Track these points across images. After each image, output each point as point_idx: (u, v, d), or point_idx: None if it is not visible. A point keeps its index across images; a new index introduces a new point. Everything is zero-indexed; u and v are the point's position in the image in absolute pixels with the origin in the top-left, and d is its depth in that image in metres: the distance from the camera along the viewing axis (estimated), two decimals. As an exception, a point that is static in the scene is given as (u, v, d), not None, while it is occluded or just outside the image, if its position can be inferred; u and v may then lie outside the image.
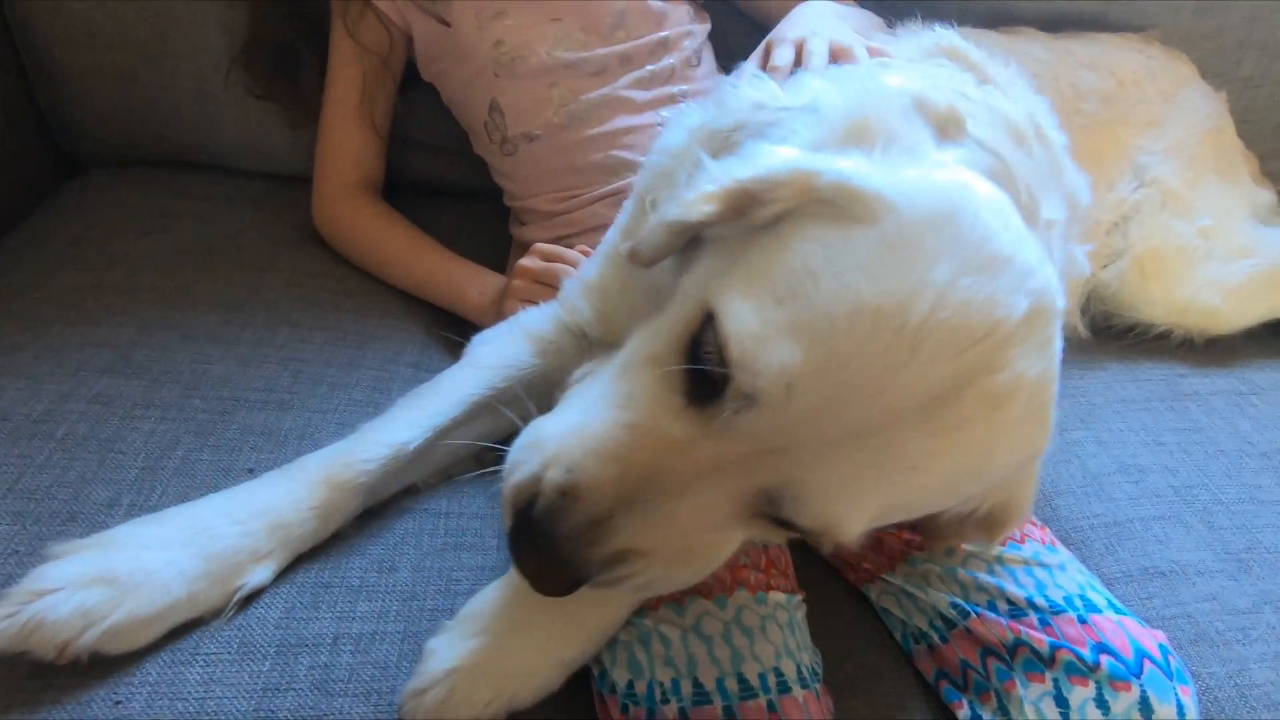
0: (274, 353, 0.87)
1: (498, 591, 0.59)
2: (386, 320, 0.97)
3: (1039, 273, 0.46)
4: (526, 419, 0.81)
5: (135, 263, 0.94)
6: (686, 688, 0.55)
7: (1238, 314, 1.07)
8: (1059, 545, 0.72)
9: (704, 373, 0.46)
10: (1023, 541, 0.70)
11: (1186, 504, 0.84)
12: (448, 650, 0.57)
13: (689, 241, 0.53)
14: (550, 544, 0.46)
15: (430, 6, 0.99)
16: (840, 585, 0.77)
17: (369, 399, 0.85)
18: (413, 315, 1.00)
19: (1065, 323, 1.08)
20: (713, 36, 1.10)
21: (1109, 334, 1.09)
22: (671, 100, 1.00)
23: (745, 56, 0.84)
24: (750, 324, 0.44)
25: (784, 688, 0.55)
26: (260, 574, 0.61)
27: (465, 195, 1.21)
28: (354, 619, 0.63)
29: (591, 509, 0.45)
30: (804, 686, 0.56)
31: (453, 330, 0.99)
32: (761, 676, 0.55)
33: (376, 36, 1.01)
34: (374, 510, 0.72)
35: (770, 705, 0.54)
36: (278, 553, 0.63)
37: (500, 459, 0.82)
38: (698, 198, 0.50)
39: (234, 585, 0.60)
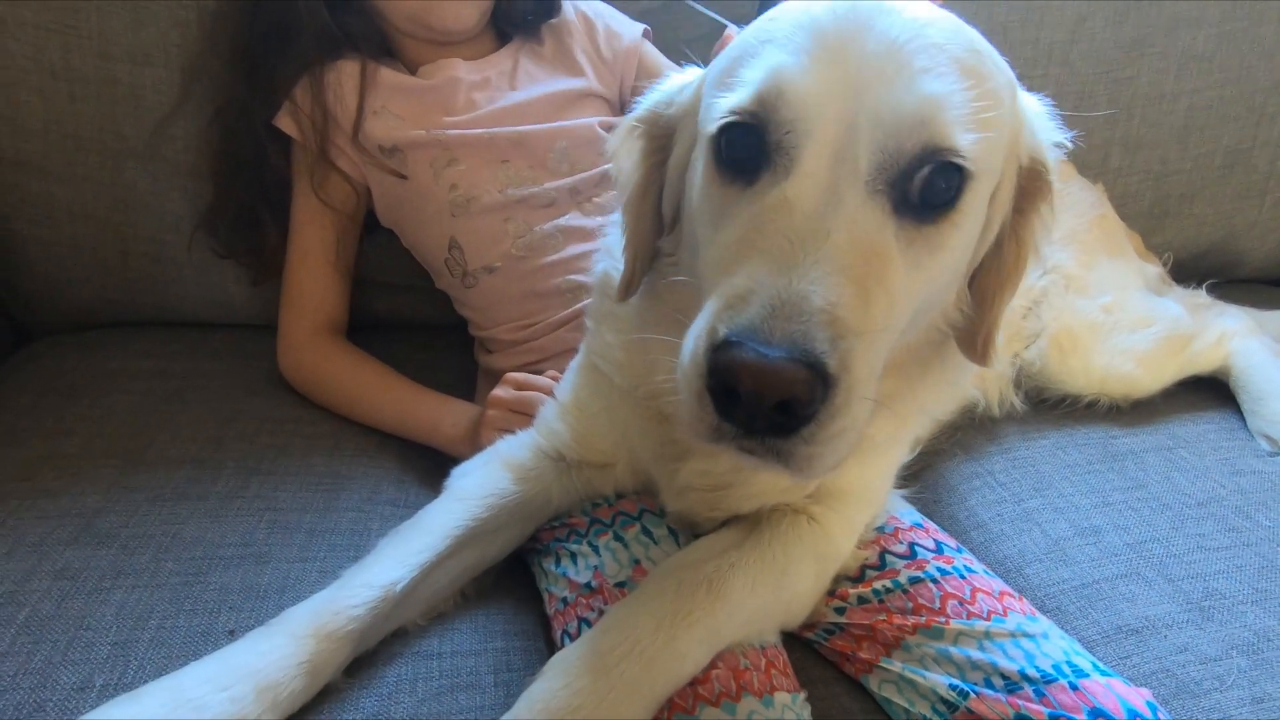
0: (246, 504, 0.85)
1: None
2: (360, 459, 0.97)
3: None
4: (508, 549, 0.83)
5: (93, 427, 0.93)
6: (710, 806, 0.54)
7: (1151, 378, 1.17)
8: (1038, 614, 0.75)
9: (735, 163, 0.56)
10: (1005, 615, 0.73)
11: (1143, 559, 0.88)
12: None
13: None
14: (755, 336, 0.47)
15: (386, 163, 1.06)
16: (839, 679, 0.77)
17: (349, 542, 0.84)
18: (386, 452, 1.00)
19: (1001, 398, 1.15)
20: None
21: (1044, 406, 1.17)
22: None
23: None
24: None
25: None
26: (251, 742, 0.59)
27: (429, 328, 1.24)
28: (353, 780, 0.61)
29: (761, 297, 0.48)
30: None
31: (428, 464, 1.00)
32: (784, 783, 0.54)
33: (342, 194, 1.07)
34: (363, 658, 0.70)
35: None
36: (267, 716, 0.60)
37: (485, 592, 0.83)
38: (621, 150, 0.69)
39: (225, 759, 0.57)
